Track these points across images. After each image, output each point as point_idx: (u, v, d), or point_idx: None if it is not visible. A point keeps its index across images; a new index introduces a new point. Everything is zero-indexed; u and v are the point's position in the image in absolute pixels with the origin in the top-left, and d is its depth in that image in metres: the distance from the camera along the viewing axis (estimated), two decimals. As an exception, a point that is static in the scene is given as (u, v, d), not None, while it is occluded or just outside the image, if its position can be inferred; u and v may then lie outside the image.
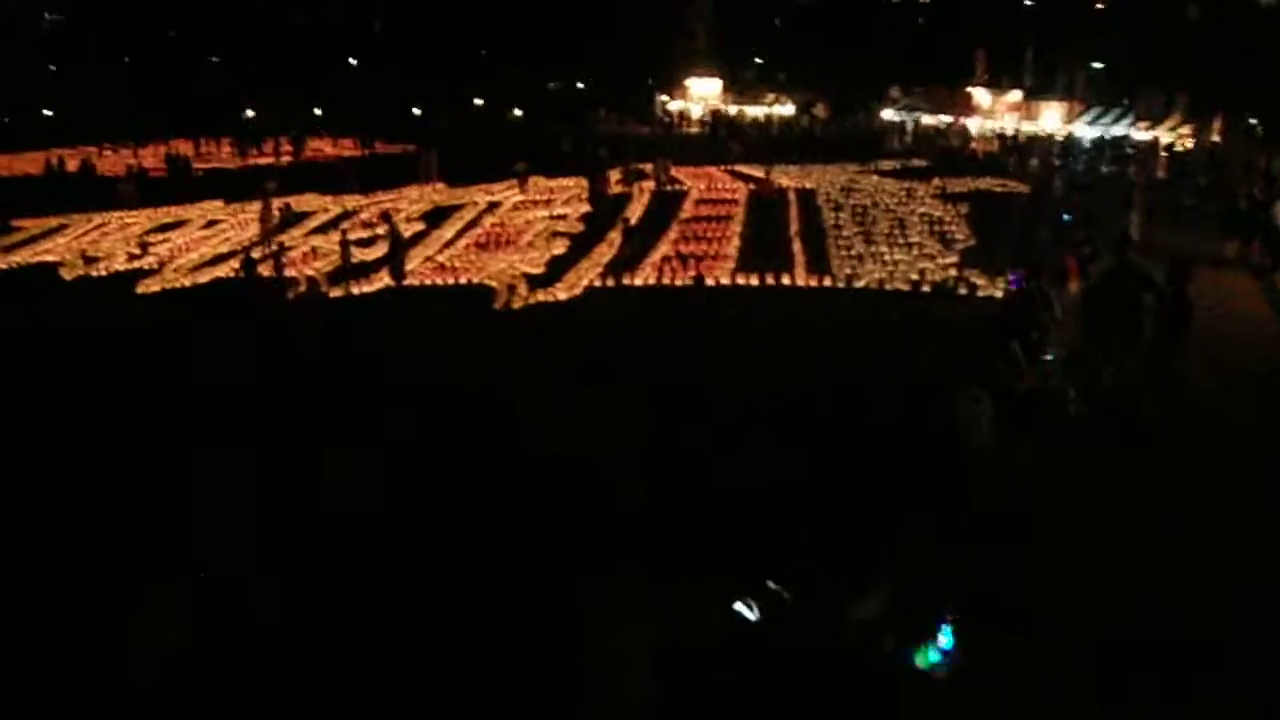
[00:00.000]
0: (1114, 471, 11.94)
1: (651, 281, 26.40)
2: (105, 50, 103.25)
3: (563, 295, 25.12)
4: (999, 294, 22.75)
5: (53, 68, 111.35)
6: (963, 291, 23.85)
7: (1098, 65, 57.99)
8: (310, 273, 28.41)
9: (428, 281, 28.09)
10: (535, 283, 26.39)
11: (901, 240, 29.28)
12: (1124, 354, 14.06)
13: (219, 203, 41.82)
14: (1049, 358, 15.10)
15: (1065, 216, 28.86)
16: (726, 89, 77.03)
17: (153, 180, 48.75)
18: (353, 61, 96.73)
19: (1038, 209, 32.84)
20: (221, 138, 70.71)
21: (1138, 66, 53.90)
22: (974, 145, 53.84)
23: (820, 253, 28.11)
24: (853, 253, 27.91)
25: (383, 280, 27.66)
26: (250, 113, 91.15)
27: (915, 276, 25.22)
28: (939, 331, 19.66)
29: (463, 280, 27.73)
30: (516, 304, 24.56)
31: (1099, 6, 70.47)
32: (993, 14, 62.33)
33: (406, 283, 27.63)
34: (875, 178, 41.85)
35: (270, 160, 62.91)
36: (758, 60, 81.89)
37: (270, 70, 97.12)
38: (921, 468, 9.97)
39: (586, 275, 26.65)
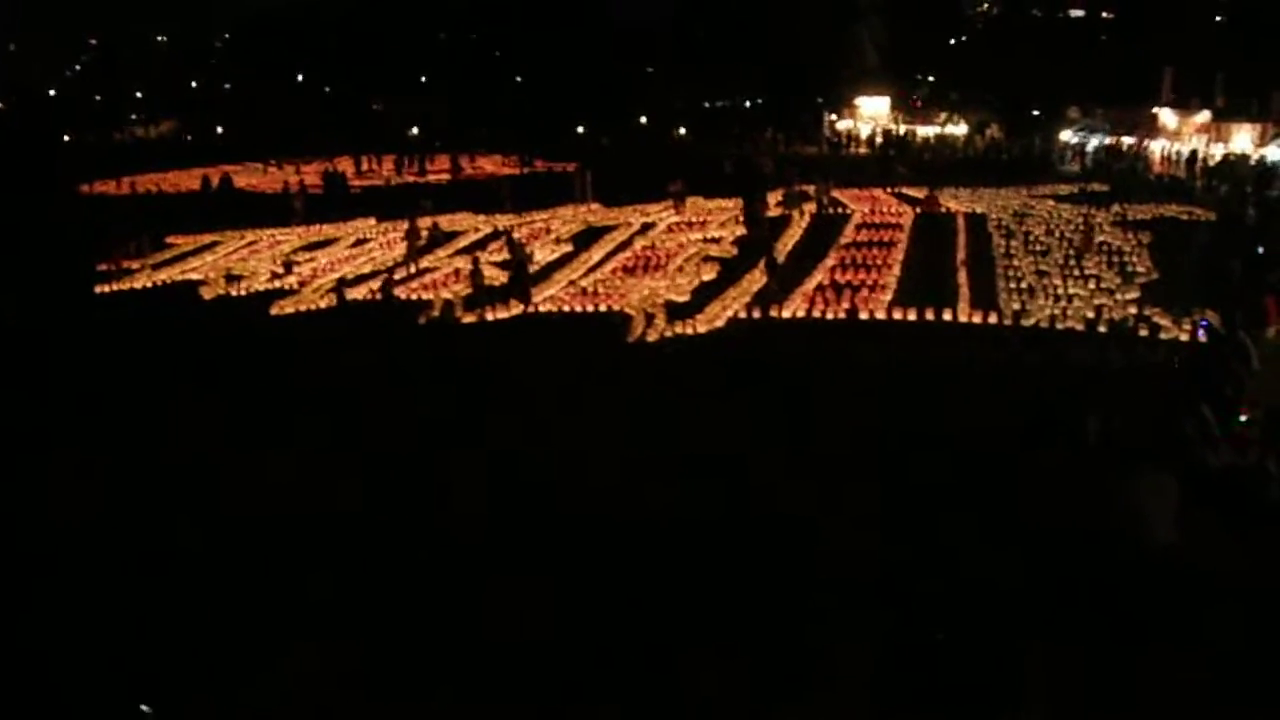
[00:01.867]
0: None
1: (800, 314, 24.63)
2: (274, 67, 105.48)
3: (702, 328, 23.46)
4: (1184, 337, 20.61)
5: (226, 86, 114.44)
6: (1144, 333, 21.53)
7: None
8: (448, 296, 27.41)
9: (565, 307, 26.82)
10: (677, 312, 24.78)
11: (1077, 273, 27.16)
12: None
13: (371, 221, 41.55)
14: (1244, 419, 13.11)
15: (1260, 249, 26.49)
16: (896, 107, 74.74)
17: (311, 197, 48.72)
18: (518, 79, 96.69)
19: (1229, 239, 30.29)
20: (384, 155, 71.04)
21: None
22: (1159, 168, 51.00)
23: (988, 284, 26.13)
24: (1023, 285, 25.87)
25: (518, 305, 26.61)
26: (415, 130, 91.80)
27: (1090, 314, 23.03)
28: (1115, 384, 17.61)
29: (602, 307, 26.30)
30: (652, 336, 22.96)
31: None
32: (1181, 30, 59.30)
33: (543, 308, 26.53)
34: (1051, 203, 39.62)
35: (429, 178, 63.04)
36: (929, 79, 79.63)
37: (435, 87, 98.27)
38: (1081, 575, 8.48)
39: (731, 306, 24.99)
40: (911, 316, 23.31)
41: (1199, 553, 9.25)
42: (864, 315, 23.84)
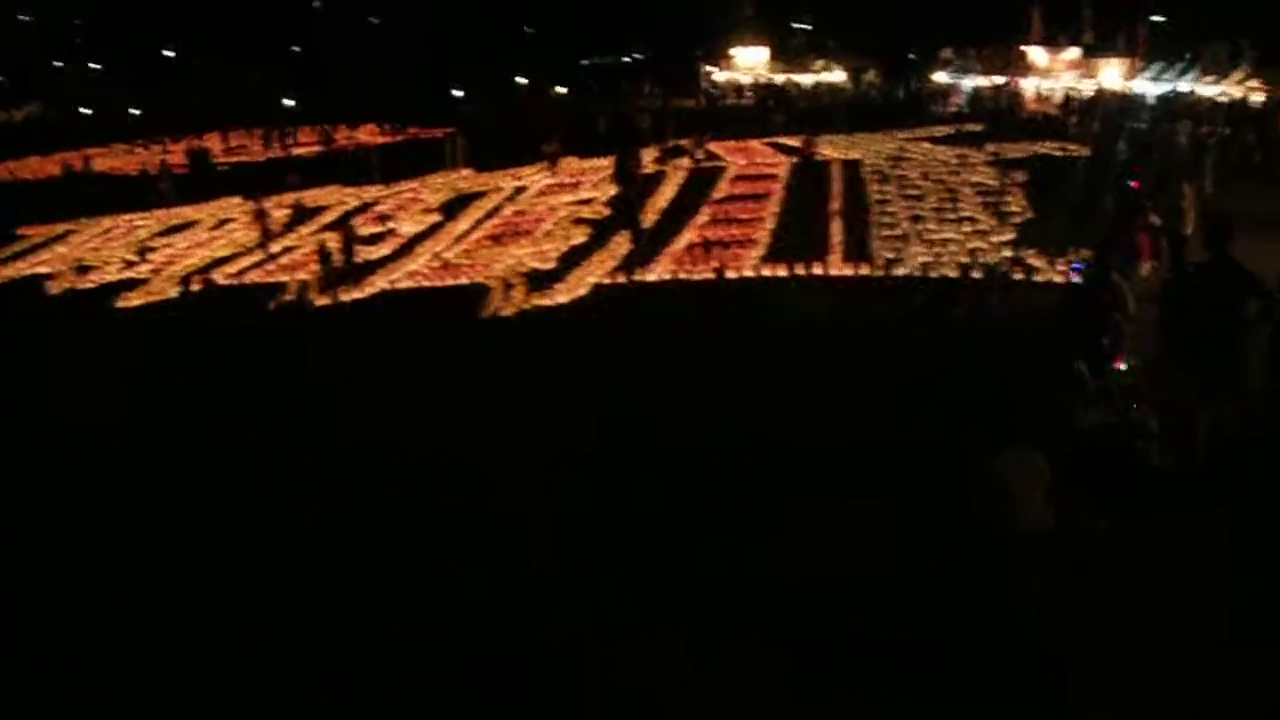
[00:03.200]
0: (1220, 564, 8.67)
1: (667, 276, 23.74)
2: (140, 43, 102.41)
3: (563, 299, 22.48)
4: (1058, 279, 20.18)
5: (96, 66, 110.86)
6: (1018, 277, 21.04)
7: (1159, 19, 54.93)
8: (305, 277, 26.19)
9: (426, 283, 25.74)
10: (539, 282, 23.83)
11: (953, 215, 26.72)
12: (1222, 390, 10.24)
13: (236, 199, 39.99)
14: (1122, 367, 12.50)
15: (1131, 183, 26.16)
16: (774, 57, 74.11)
17: (177, 178, 46.91)
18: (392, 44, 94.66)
19: (1101, 175, 29.99)
20: (256, 129, 68.87)
21: (1203, 18, 50.89)
22: (1032, 106, 50.89)
23: (861, 235, 25.52)
24: (897, 232, 25.33)
25: (378, 284, 25.49)
26: (289, 102, 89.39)
27: (965, 259, 22.49)
28: (982, 337, 16.82)
29: (466, 280, 25.23)
30: (507, 310, 21.90)
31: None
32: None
33: (403, 285, 25.47)
34: (926, 145, 39.27)
35: (300, 150, 61.31)
36: (806, 26, 79.17)
37: (305, 56, 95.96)
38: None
39: (595, 273, 24.05)
40: (781, 273, 22.60)
41: (1071, 535, 8.37)
42: (732, 274, 23.10)
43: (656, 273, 23.58)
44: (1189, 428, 10.13)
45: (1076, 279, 18.57)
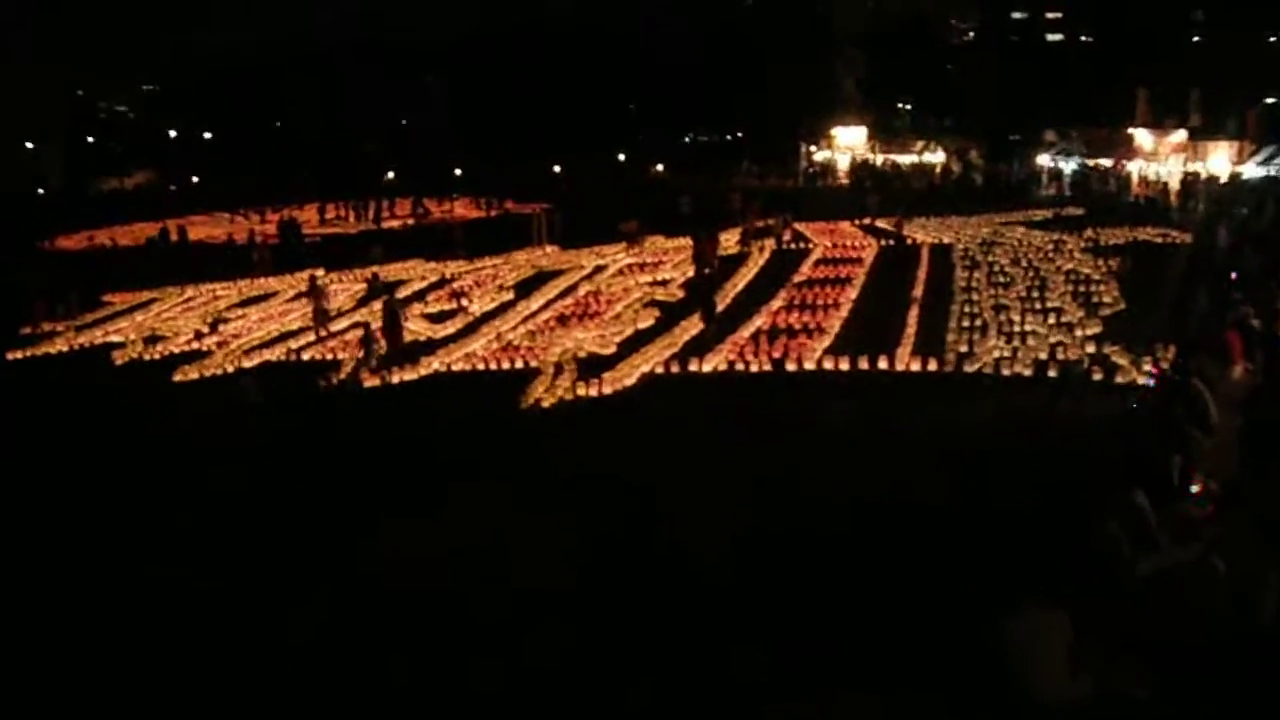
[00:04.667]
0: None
1: (722, 367, 22.45)
2: (253, 114, 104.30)
3: (608, 389, 21.17)
4: (1141, 380, 18.65)
5: (207, 135, 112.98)
6: (1098, 377, 19.48)
7: (1271, 100, 52.94)
8: (362, 355, 25.45)
9: (482, 365, 24.76)
10: (592, 368, 22.68)
11: (1039, 305, 25.30)
12: None
13: (320, 271, 39.77)
14: (1196, 491, 10.92)
15: (1233, 275, 24.52)
16: (872, 136, 72.93)
17: (270, 248, 47.15)
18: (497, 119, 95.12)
19: (1198, 266, 28.35)
20: (354, 201, 69.15)
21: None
22: (1137, 190, 49.07)
23: (939, 324, 24.20)
24: (977, 323, 23.98)
25: (434, 365, 24.65)
26: (391, 174, 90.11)
27: (1044, 355, 21.08)
28: (1044, 453, 14.89)
29: (519, 363, 24.21)
30: (548, 400, 20.68)
31: (1271, 40, 65.23)
32: (1156, 51, 57.81)
33: (458, 366, 24.60)
34: (1022, 229, 37.82)
35: (393, 224, 61.41)
36: (907, 107, 78.05)
37: (408, 128, 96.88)
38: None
39: (649, 360, 22.87)
40: (844, 365, 21.30)
41: (1108, 708, 6.96)
42: (791, 366, 21.84)
43: (713, 362, 22.37)
44: (1260, 582, 8.56)
45: (1151, 383, 16.92)
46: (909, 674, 8.40)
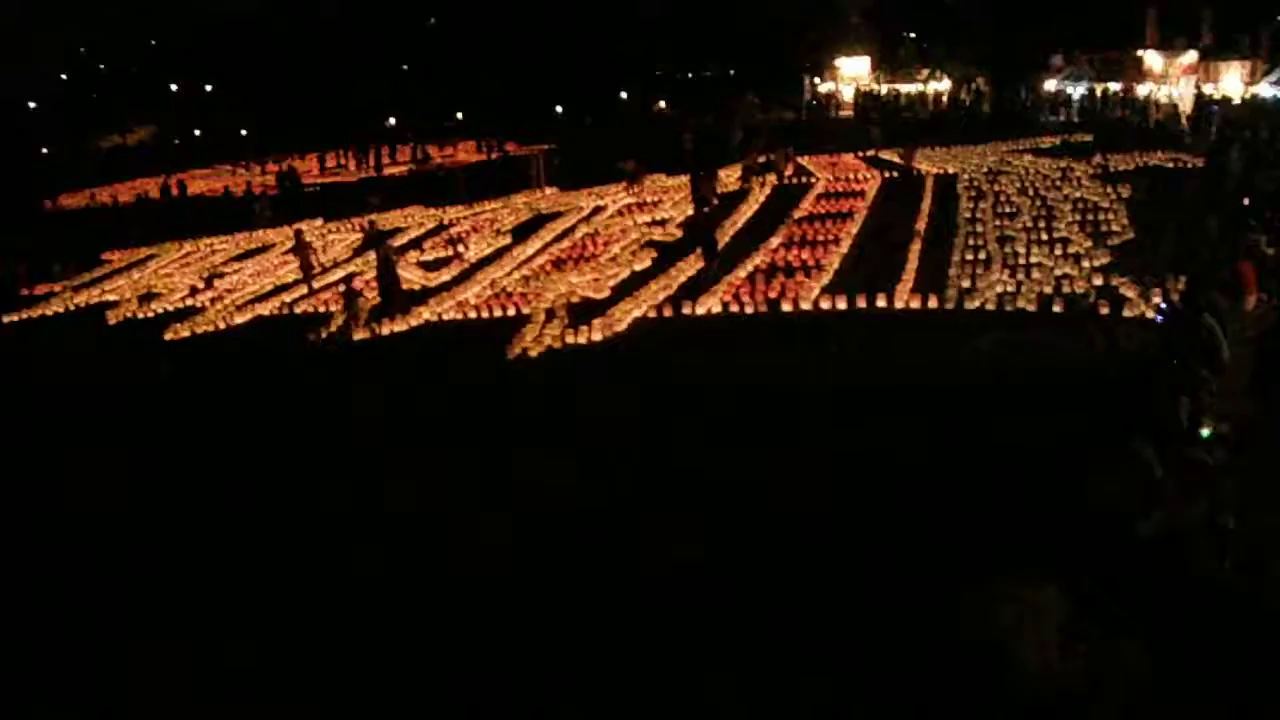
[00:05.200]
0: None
1: (717, 310, 21.64)
2: (252, 66, 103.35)
3: (597, 335, 20.39)
4: (1151, 313, 17.88)
5: (207, 88, 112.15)
6: (1105, 311, 18.67)
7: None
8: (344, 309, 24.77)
9: (474, 313, 24.05)
10: (586, 314, 21.96)
11: (1045, 236, 24.55)
12: None
13: (318, 222, 39.20)
14: (1207, 434, 10.25)
15: (1245, 201, 23.67)
16: (875, 67, 71.64)
17: (270, 199, 46.67)
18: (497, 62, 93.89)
19: (1212, 192, 27.47)
20: (355, 149, 68.36)
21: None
22: (1157, 115, 47.84)
23: (942, 259, 23.40)
24: (980, 255, 23.25)
25: (425, 315, 24.00)
26: (392, 120, 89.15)
27: (1049, 289, 20.31)
28: (1040, 398, 14.04)
29: (524, 310, 23.40)
30: (535, 350, 19.93)
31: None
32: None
33: (449, 315, 23.97)
34: (1029, 158, 36.97)
35: (394, 170, 60.65)
36: (911, 35, 76.65)
37: (410, 73, 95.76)
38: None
39: (641, 305, 22.10)
40: (842, 305, 20.56)
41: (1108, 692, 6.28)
42: (788, 306, 21.13)
43: (708, 305, 21.67)
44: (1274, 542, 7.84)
45: (1160, 320, 16.16)
46: (878, 654, 7.84)
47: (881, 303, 20.37)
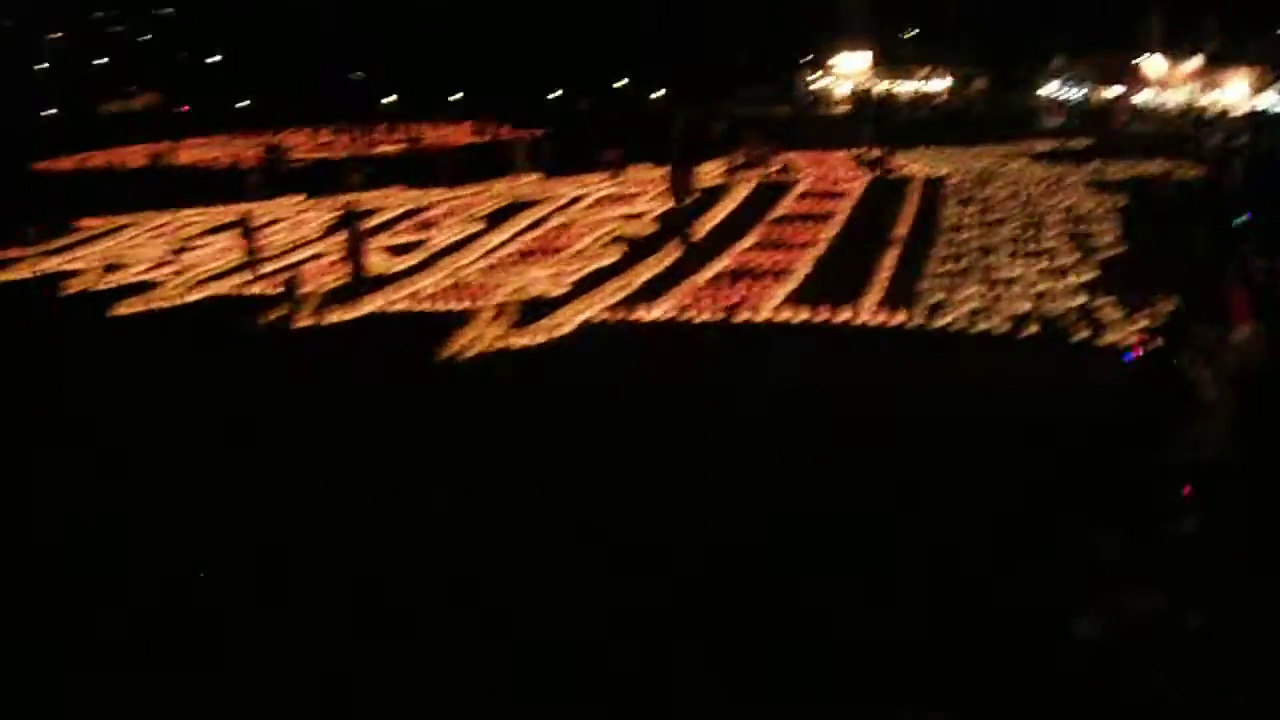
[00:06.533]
0: None
1: (672, 314, 20.28)
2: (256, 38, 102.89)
3: (541, 337, 19.10)
4: (1134, 340, 16.49)
5: (217, 58, 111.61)
6: (1083, 334, 17.28)
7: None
8: (308, 291, 23.52)
9: (426, 306, 22.75)
10: (532, 314, 20.70)
11: (1032, 247, 23.38)
12: None
13: (300, 197, 38.01)
14: (1184, 494, 8.90)
15: (1244, 216, 22.43)
16: (877, 64, 70.48)
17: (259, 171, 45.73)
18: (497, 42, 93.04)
19: (1207, 205, 26.21)
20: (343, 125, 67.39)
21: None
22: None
23: (917, 269, 22.22)
24: (959, 266, 22.04)
25: (371, 305, 22.76)
26: (393, 97, 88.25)
27: (1026, 307, 19.05)
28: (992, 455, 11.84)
29: (478, 303, 22.01)
30: (471, 351, 18.55)
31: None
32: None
33: (398, 307, 22.73)
34: (1023, 161, 35.87)
35: (383, 149, 59.54)
36: (913, 33, 75.56)
37: (411, 52, 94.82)
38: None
39: (593, 305, 20.84)
40: (803, 316, 19.31)
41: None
42: (746, 314, 19.89)
43: (662, 309, 20.40)
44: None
45: (1128, 361, 14.54)
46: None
47: (844, 316, 19.04)
